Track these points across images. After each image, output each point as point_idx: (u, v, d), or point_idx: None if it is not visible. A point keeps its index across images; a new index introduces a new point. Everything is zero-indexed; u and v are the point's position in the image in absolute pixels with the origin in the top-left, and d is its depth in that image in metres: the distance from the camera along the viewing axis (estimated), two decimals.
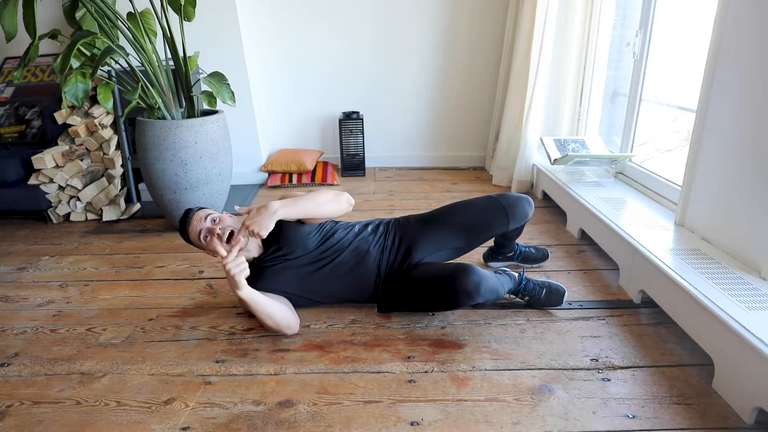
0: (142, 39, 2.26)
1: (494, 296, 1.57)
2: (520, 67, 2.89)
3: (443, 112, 3.61)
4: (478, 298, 1.49)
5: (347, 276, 1.69)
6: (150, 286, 1.98)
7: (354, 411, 1.29)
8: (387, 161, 3.72)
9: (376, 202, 2.92)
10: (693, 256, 1.63)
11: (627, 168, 2.50)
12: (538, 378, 1.39)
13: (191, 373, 1.45)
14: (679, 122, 2.64)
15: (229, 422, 1.26)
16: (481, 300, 1.51)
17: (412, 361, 1.48)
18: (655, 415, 1.25)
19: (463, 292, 1.49)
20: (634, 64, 2.40)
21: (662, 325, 1.62)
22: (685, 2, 2.28)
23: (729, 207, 1.62)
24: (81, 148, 2.73)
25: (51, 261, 2.24)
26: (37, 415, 1.30)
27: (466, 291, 1.49)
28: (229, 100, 2.36)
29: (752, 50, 1.51)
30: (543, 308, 1.73)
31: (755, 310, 1.31)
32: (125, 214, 2.76)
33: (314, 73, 3.52)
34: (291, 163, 3.34)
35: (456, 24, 3.37)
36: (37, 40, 2.05)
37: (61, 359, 1.53)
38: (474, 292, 1.48)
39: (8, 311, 1.83)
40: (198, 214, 1.61)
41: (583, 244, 2.25)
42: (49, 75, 3.11)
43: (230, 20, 3.00)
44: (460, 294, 1.50)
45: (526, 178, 2.96)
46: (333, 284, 1.69)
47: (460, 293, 1.49)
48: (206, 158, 2.37)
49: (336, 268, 1.68)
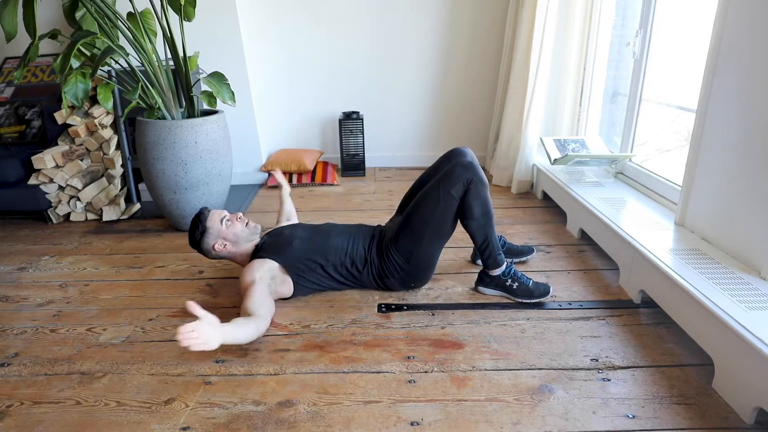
0: (142, 39, 2.26)
1: (484, 186, 1.70)
2: (520, 67, 2.89)
3: (443, 112, 3.61)
4: (476, 165, 1.70)
5: (345, 230, 1.88)
6: (150, 286, 1.98)
7: (354, 411, 1.29)
8: (387, 161, 3.72)
9: (376, 202, 2.92)
10: (693, 256, 1.63)
11: (627, 168, 2.50)
12: (538, 378, 1.39)
13: (191, 373, 1.45)
14: (679, 122, 2.65)
15: (229, 422, 1.26)
16: (478, 172, 1.68)
17: (412, 361, 1.48)
18: (655, 415, 1.25)
19: (460, 164, 1.69)
20: (634, 64, 2.40)
21: (662, 325, 1.62)
22: (685, 2, 2.28)
23: (729, 207, 1.62)
24: (81, 148, 2.73)
25: (51, 261, 2.24)
26: (37, 415, 1.30)
27: (462, 163, 1.69)
28: (229, 100, 2.36)
29: (752, 50, 1.51)
30: (531, 298, 1.76)
31: (755, 310, 1.31)
32: (125, 214, 2.76)
33: (314, 73, 3.52)
34: (291, 163, 3.34)
35: (456, 24, 3.37)
36: (37, 40, 2.05)
37: (61, 359, 1.53)
38: (470, 163, 1.69)
39: (8, 311, 1.83)
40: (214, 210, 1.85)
41: (583, 244, 2.25)
42: (49, 75, 3.11)
43: (230, 20, 3.00)
44: (457, 166, 1.69)
45: (526, 178, 2.96)
46: (334, 240, 1.83)
47: (458, 165, 1.69)
48: (206, 158, 2.37)
49: (333, 227, 1.90)
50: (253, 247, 1.84)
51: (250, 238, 1.83)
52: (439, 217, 1.72)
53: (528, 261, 2.10)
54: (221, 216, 1.80)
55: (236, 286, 1.96)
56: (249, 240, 1.83)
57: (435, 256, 1.81)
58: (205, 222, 1.77)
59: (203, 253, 1.81)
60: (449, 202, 1.70)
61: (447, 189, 1.69)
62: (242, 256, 1.83)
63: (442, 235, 1.77)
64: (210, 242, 1.78)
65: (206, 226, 1.77)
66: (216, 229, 1.77)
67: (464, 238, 2.22)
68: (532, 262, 2.09)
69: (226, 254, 1.81)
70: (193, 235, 1.79)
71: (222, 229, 1.78)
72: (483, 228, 1.74)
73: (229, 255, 1.82)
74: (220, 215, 1.80)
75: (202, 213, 1.80)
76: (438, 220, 1.72)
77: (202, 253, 1.82)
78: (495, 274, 1.80)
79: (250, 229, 1.83)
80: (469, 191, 1.69)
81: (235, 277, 2.03)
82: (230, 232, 1.78)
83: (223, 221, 1.79)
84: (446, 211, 1.71)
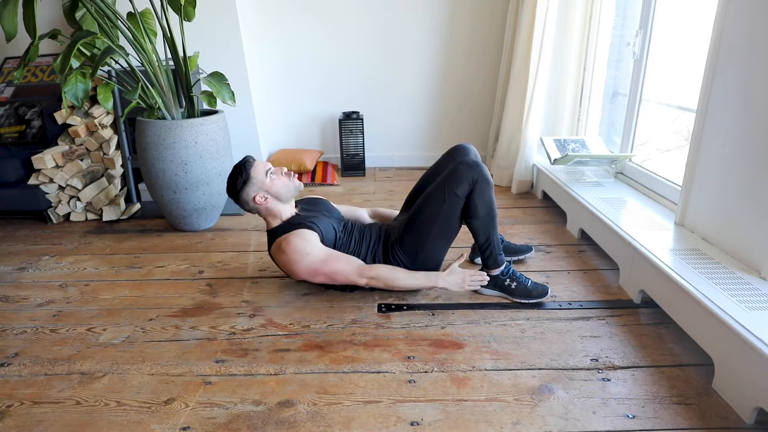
0: (142, 39, 2.26)
1: (489, 185, 1.70)
2: (520, 67, 2.89)
3: (443, 112, 3.61)
4: (481, 164, 1.70)
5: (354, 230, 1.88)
6: (150, 286, 1.98)
7: (354, 411, 1.29)
8: (387, 161, 3.72)
9: (376, 202, 2.92)
10: (693, 256, 1.63)
11: (627, 168, 2.50)
12: (538, 378, 1.39)
13: (191, 373, 1.45)
14: (679, 122, 2.65)
15: (229, 422, 1.26)
16: (483, 171, 1.68)
17: (412, 361, 1.48)
18: (655, 415, 1.25)
19: (464, 163, 1.68)
20: (634, 64, 2.40)
21: (662, 325, 1.62)
22: (685, 2, 2.28)
23: (729, 207, 1.62)
24: (81, 148, 2.73)
25: (51, 261, 2.24)
26: (37, 415, 1.30)
27: (466, 162, 1.68)
28: (229, 100, 2.36)
29: (752, 50, 1.51)
30: (529, 299, 1.76)
31: (755, 310, 1.31)
32: (125, 214, 2.76)
33: (314, 73, 3.52)
34: (291, 162, 3.34)
35: (456, 24, 3.38)
36: (37, 40, 2.05)
37: (61, 359, 1.53)
38: (474, 162, 1.69)
39: (8, 311, 1.83)
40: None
41: (583, 244, 2.25)
42: (49, 75, 3.11)
43: (230, 20, 3.00)
44: (462, 165, 1.68)
45: (526, 178, 2.96)
46: (355, 237, 1.85)
47: (462, 164, 1.68)
48: (206, 158, 2.37)
49: (353, 226, 1.91)
50: (290, 213, 1.79)
51: (293, 194, 1.78)
52: (444, 216, 1.71)
53: (528, 261, 2.10)
54: (266, 168, 1.74)
55: (236, 286, 1.96)
56: (290, 198, 1.78)
57: (441, 255, 1.81)
58: (249, 170, 1.72)
59: (240, 203, 1.76)
60: (454, 202, 1.69)
61: (452, 188, 1.68)
62: (276, 216, 1.77)
63: (447, 235, 1.76)
64: (251, 193, 1.72)
65: (250, 175, 1.72)
66: (260, 180, 1.72)
67: (464, 238, 2.22)
68: (531, 262, 2.09)
69: (264, 209, 1.75)
70: (233, 183, 1.73)
71: (266, 181, 1.72)
72: (486, 227, 1.73)
73: (265, 210, 1.76)
74: (266, 167, 1.74)
75: (247, 161, 1.74)
76: (443, 220, 1.72)
77: (238, 203, 1.76)
78: (494, 274, 1.79)
79: (294, 185, 1.77)
80: (475, 191, 1.68)
81: (235, 277, 2.03)
82: (274, 185, 1.73)
83: (268, 173, 1.73)
84: (451, 211, 1.70)
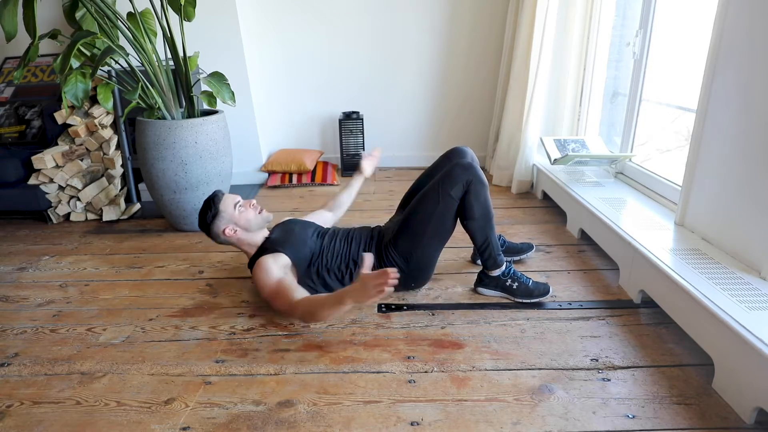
0: (142, 39, 2.26)
1: (484, 186, 1.71)
2: (520, 67, 2.89)
3: (443, 112, 3.61)
4: (476, 166, 1.71)
5: (346, 233, 1.88)
6: (150, 286, 1.98)
7: (354, 411, 1.29)
8: (387, 161, 3.71)
9: (376, 202, 2.92)
10: (693, 256, 1.63)
11: (627, 168, 2.50)
12: (538, 378, 1.39)
13: (191, 373, 1.45)
14: (679, 122, 2.64)
15: (229, 422, 1.26)
16: (477, 173, 1.69)
17: (412, 361, 1.48)
18: (655, 415, 1.25)
19: (459, 165, 1.70)
20: (634, 64, 2.40)
21: (662, 325, 1.62)
22: (685, 2, 2.28)
23: (729, 207, 1.62)
24: (81, 148, 2.73)
25: (51, 261, 2.24)
26: (37, 415, 1.30)
27: (461, 164, 1.70)
28: (229, 100, 2.36)
29: (752, 50, 1.51)
30: (530, 298, 1.76)
31: (755, 310, 1.31)
32: (125, 214, 2.76)
33: (314, 73, 3.52)
34: (291, 163, 3.34)
35: (456, 24, 3.37)
36: (37, 40, 2.05)
37: (61, 359, 1.53)
38: (470, 164, 1.70)
39: (8, 311, 1.83)
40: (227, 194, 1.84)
41: (583, 244, 2.25)
42: (49, 75, 3.11)
43: (230, 20, 3.00)
44: (457, 167, 1.69)
45: (526, 178, 2.96)
46: (336, 243, 1.83)
47: (457, 166, 1.70)
48: (206, 158, 2.37)
49: (337, 231, 1.91)
50: (262, 238, 1.82)
51: (261, 226, 1.82)
52: (438, 217, 1.72)
53: (528, 261, 2.10)
54: (234, 201, 1.78)
55: (236, 286, 1.96)
56: (260, 228, 1.82)
57: (434, 256, 1.81)
58: (218, 205, 1.76)
59: (211, 236, 1.79)
60: (448, 203, 1.70)
61: (446, 190, 1.69)
62: (250, 245, 1.81)
63: (441, 236, 1.77)
64: (221, 226, 1.76)
65: (219, 209, 1.76)
66: (228, 213, 1.76)
67: (464, 238, 2.22)
68: (531, 262, 2.09)
69: (235, 240, 1.79)
70: (204, 217, 1.77)
71: (234, 214, 1.76)
72: (483, 229, 1.74)
73: (237, 241, 1.80)
74: (234, 200, 1.78)
75: (216, 195, 1.79)
76: (437, 221, 1.72)
77: (210, 236, 1.80)
78: (495, 275, 1.79)
79: (263, 217, 1.81)
80: (469, 192, 1.69)
81: (235, 277, 2.03)
82: (242, 218, 1.77)
83: (237, 206, 1.77)
84: (445, 212, 1.71)
